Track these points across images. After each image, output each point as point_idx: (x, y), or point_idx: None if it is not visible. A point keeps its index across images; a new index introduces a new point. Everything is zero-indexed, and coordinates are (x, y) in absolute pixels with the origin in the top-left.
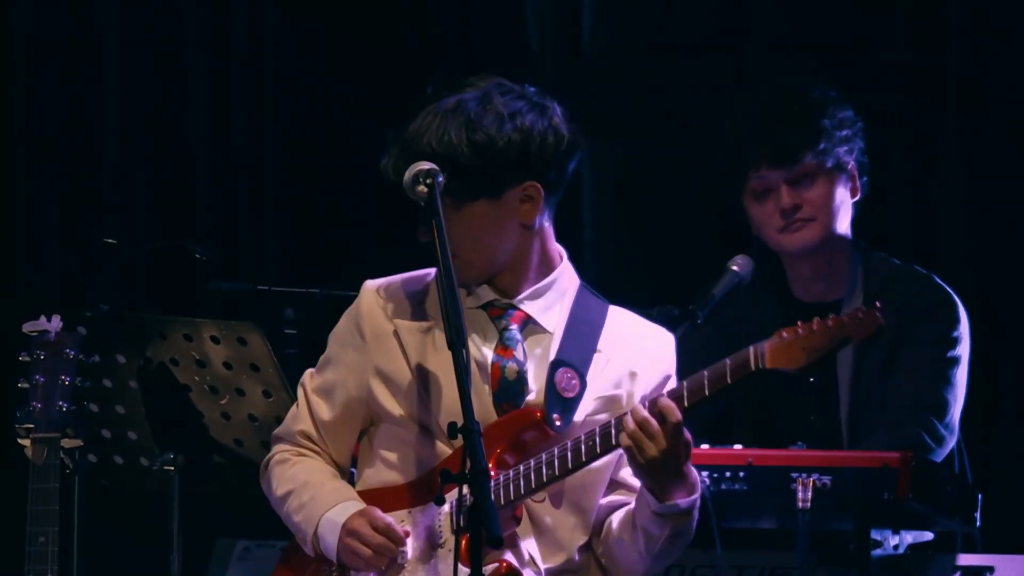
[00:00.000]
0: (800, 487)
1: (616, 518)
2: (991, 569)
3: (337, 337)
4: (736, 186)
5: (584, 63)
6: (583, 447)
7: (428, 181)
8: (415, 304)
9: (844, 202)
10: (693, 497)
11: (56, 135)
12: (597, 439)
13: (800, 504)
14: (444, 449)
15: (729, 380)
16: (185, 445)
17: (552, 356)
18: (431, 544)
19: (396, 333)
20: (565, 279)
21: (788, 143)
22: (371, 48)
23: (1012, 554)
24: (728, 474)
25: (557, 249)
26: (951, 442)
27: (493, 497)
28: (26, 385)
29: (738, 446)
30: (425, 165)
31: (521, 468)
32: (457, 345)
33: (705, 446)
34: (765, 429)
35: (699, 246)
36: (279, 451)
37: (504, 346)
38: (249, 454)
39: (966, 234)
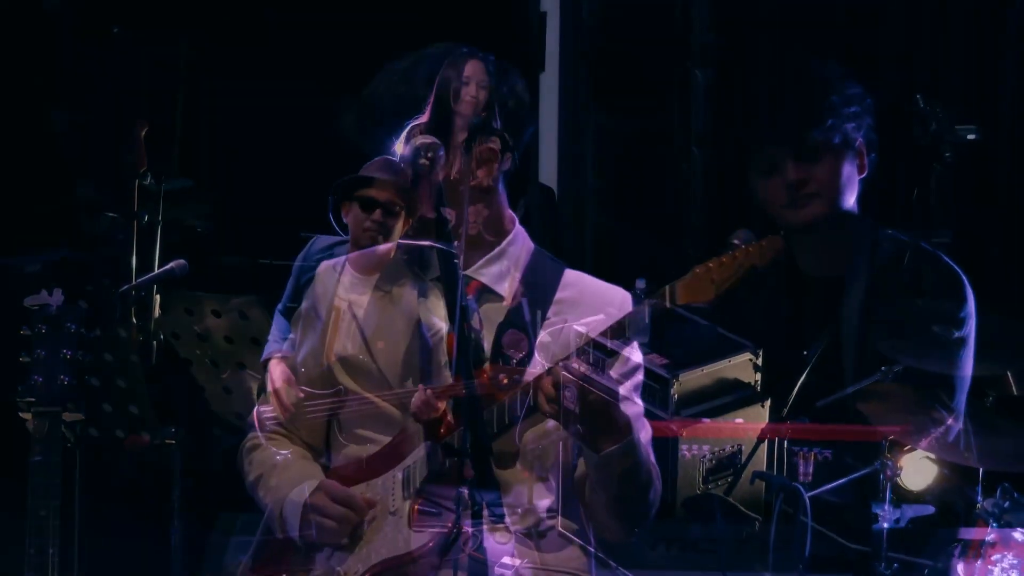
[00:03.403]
0: (801, 461)
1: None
2: (991, 543)
3: (298, 319)
4: (744, 162)
5: (585, 37)
6: (506, 411)
7: (430, 155)
8: (369, 277)
9: (851, 178)
10: (622, 443)
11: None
12: (516, 402)
13: (801, 478)
14: (402, 421)
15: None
16: (186, 419)
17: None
18: (384, 512)
19: (351, 309)
20: (518, 245)
21: (794, 120)
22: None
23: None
24: (729, 448)
25: (510, 215)
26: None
27: (442, 456)
28: (27, 359)
29: (739, 420)
30: (427, 139)
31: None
32: (459, 320)
33: (707, 420)
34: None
35: (701, 221)
36: (252, 437)
37: None
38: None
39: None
